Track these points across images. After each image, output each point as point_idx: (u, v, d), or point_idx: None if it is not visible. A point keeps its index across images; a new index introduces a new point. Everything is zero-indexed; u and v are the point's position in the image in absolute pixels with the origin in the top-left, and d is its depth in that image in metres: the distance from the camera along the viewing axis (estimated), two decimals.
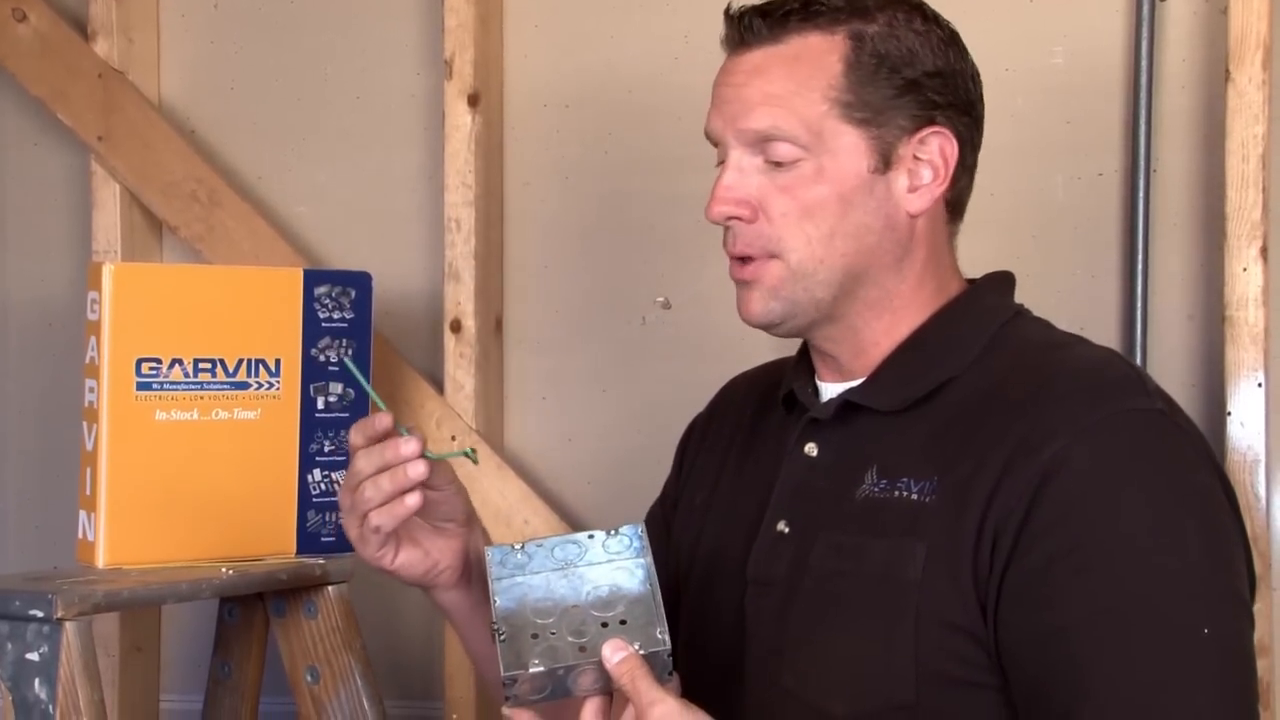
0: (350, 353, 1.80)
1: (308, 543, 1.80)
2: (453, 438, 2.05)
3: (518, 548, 1.22)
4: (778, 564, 1.27)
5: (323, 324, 1.80)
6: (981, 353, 1.27)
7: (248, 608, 1.83)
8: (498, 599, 1.20)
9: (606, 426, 2.10)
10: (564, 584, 1.21)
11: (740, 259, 1.28)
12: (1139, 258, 1.88)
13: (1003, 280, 1.33)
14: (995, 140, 1.39)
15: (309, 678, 1.78)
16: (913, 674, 1.18)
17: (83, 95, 2.21)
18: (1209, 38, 1.88)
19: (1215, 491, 1.20)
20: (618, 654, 1.13)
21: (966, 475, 1.19)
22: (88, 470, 1.71)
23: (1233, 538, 1.20)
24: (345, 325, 1.80)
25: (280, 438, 1.78)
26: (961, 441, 1.21)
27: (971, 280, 1.33)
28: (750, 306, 1.28)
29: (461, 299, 2.07)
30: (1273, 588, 1.83)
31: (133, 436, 1.70)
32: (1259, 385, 1.81)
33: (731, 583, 1.30)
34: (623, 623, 1.18)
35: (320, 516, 1.80)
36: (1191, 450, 1.20)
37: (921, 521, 1.20)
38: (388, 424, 1.26)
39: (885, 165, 1.26)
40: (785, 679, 1.24)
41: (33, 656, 1.52)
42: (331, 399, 1.81)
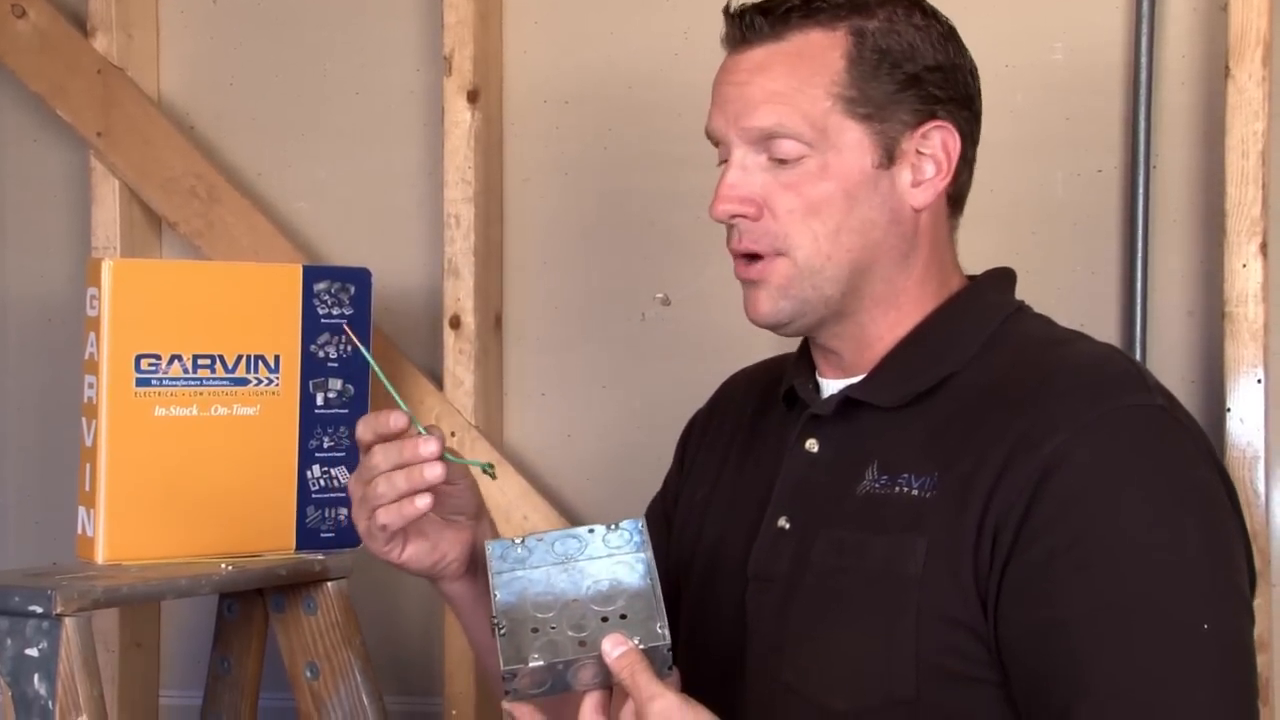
0: (351, 349, 1.80)
1: (307, 538, 1.80)
2: (452, 434, 2.04)
3: (518, 542, 1.22)
4: (779, 560, 1.27)
5: (322, 320, 1.80)
6: (982, 349, 1.27)
7: (247, 603, 1.83)
8: (498, 593, 1.20)
9: (606, 423, 2.10)
10: (564, 578, 1.21)
11: (746, 256, 1.27)
12: (1139, 254, 1.88)
13: (1004, 276, 1.33)
14: (995, 136, 1.39)
15: (308, 673, 1.77)
16: (913, 669, 1.18)
17: (82, 91, 2.20)
18: (1209, 34, 1.87)
19: (1215, 487, 1.20)
20: (617, 649, 1.13)
21: (967, 471, 1.19)
22: (87, 466, 1.71)
23: (1233, 533, 1.20)
24: (344, 321, 1.80)
25: (279, 434, 1.78)
26: (962, 437, 1.21)
27: (972, 276, 1.34)
28: (759, 306, 1.27)
29: (461, 295, 2.07)
30: (1272, 583, 1.83)
31: (132, 432, 1.70)
32: (1258, 381, 1.81)
33: (732, 579, 1.30)
34: (623, 617, 1.18)
35: (319, 512, 1.80)
36: (1192, 446, 1.20)
37: (922, 517, 1.20)
38: (403, 423, 1.25)
39: (889, 160, 1.26)
40: (786, 675, 1.24)
41: (32, 652, 1.52)
42: (331, 395, 1.80)
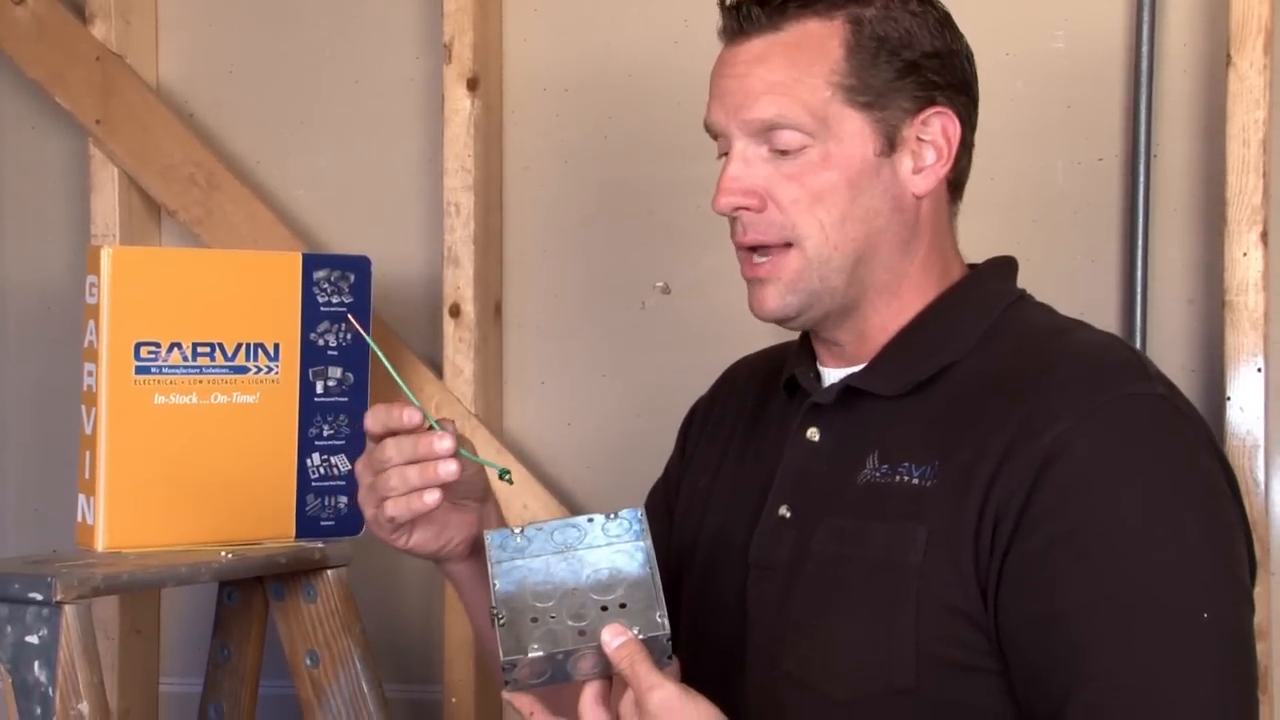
0: (351, 337, 1.79)
1: (307, 527, 1.80)
2: (452, 422, 2.04)
3: (517, 531, 1.22)
4: (780, 549, 1.27)
5: (322, 308, 1.79)
6: (983, 338, 1.26)
7: (247, 591, 1.83)
8: (497, 582, 1.20)
9: (605, 411, 2.10)
10: (564, 567, 1.21)
11: (752, 250, 1.27)
12: (1139, 243, 1.88)
13: (1005, 265, 1.33)
14: (995, 124, 1.38)
15: (308, 661, 1.78)
16: (913, 658, 1.18)
17: (81, 78, 2.20)
18: (1210, 22, 1.87)
19: (1216, 476, 1.20)
20: (617, 639, 1.13)
21: (968, 460, 1.19)
22: (87, 454, 1.71)
23: (1233, 522, 1.20)
24: (344, 310, 1.80)
25: (279, 422, 1.78)
26: (963, 426, 1.21)
27: (974, 265, 1.33)
28: (766, 303, 1.27)
29: (460, 284, 2.06)
30: (1271, 572, 1.83)
31: (131, 420, 1.70)
32: (1259, 370, 1.81)
33: (733, 568, 1.30)
34: (622, 606, 1.18)
35: (319, 500, 1.80)
36: (1192, 435, 1.20)
37: (923, 506, 1.20)
38: (416, 419, 1.25)
39: (890, 148, 1.25)
40: (787, 663, 1.24)
41: (32, 639, 1.52)
42: (330, 383, 1.80)
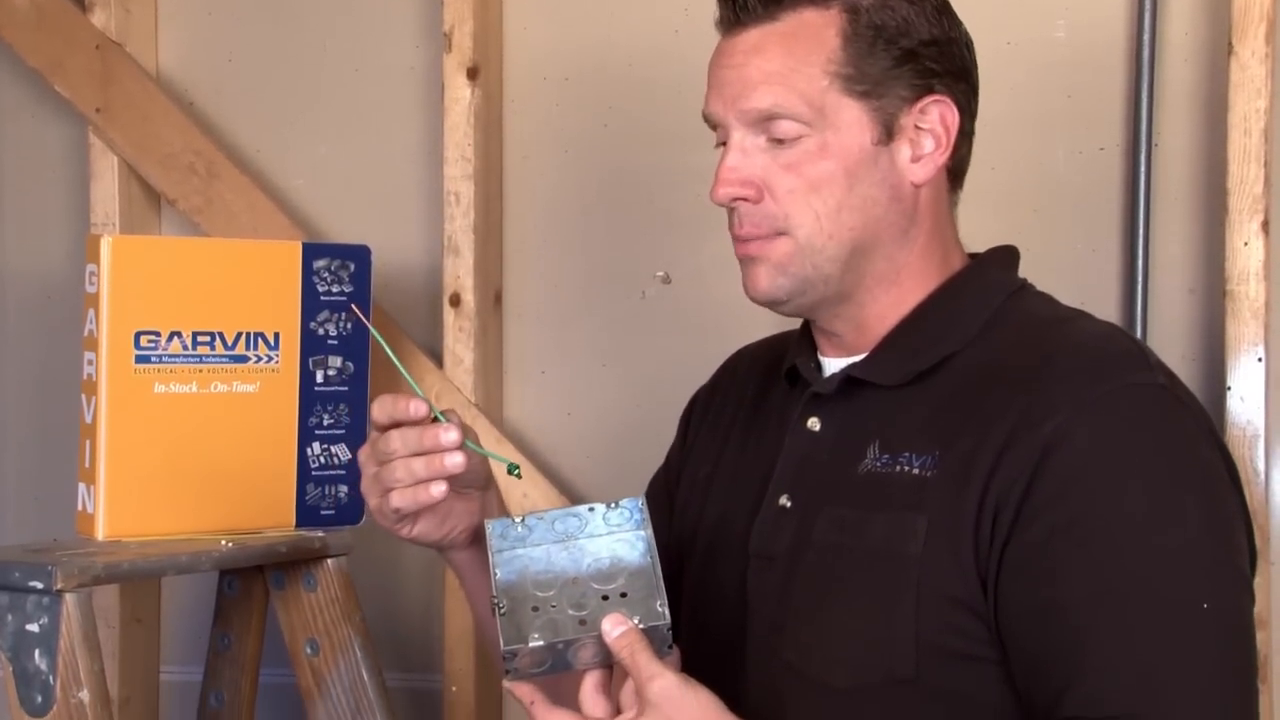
0: (351, 326, 1.79)
1: (307, 515, 1.80)
2: (455, 414, 2.04)
3: (518, 521, 1.22)
4: (780, 538, 1.27)
5: (322, 297, 1.79)
6: (984, 327, 1.26)
7: (247, 580, 1.83)
8: (498, 572, 1.20)
9: (606, 401, 2.10)
10: (564, 556, 1.21)
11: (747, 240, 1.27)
12: (1140, 232, 1.87)
13: (1006, 254, 1.33)
14: (996, 114, 1.38)
15: (309, 650, 1.78)
16: (913, 648, 1.18)
17: (80, 67, 2.19)
18: (1212, 11, 1.87)
19: (1216, 466, 1.20)
20: (617, 628, 1.13)
21: (968, 450, 1.19)
22: (87, 443, 1.71)
23: (1233, 512, 1.20)
24: (344, 299, 1.80)
25: (279, 411, 1.78)
26: (963, 416, 1.21)
27: (975, 254, 1.33)
28: (757, 283, 1.27)
29: (460, 273, 2.06)
30: (1271, 561, 1.83)
31: (131, 409, 1.70)
32: (1259, 360, 1.80)
33: (734, 557, 1.30)
34: (623, 595, 1.18)
35: (319, 490, 1.80)
36: (1193, 425, 1.20)
37: (923, 496, 1.20)
38: (423, 411, 1.25)
39: (888, 136, 1.25)
40: (786, 653, 1.24)
41: (33, 628, 1.52)
42: (330, 372, 1.80)
